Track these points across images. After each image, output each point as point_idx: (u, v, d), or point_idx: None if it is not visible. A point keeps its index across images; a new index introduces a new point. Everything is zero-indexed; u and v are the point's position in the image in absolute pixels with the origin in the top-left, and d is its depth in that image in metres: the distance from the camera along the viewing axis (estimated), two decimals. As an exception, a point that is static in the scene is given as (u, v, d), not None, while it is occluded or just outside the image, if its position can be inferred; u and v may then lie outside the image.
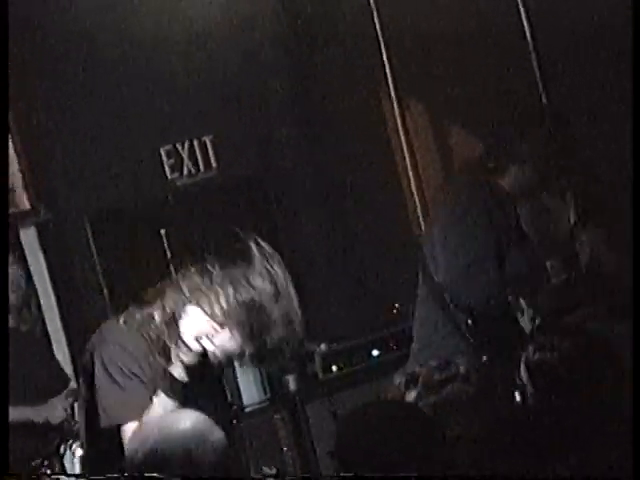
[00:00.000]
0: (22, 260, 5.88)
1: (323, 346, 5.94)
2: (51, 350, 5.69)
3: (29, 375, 5.35)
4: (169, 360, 3.56)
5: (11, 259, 5.53)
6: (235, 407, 5.67)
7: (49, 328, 5.89)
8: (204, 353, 3.51)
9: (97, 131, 6.15)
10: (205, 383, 3.71)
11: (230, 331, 3.46)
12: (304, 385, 5.81)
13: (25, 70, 5.97)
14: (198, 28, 6.25)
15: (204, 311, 3.46)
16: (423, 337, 4.66)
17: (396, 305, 6.09)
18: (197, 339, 3.49)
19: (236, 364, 5.58)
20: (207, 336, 3.48)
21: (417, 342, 4.68)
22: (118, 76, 6.19)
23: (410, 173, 6.40)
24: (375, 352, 6.00)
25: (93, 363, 3.62)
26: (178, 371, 3.53)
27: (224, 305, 3.46)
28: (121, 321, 3.65)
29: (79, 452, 5.00)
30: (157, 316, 3.58)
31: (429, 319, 4.65)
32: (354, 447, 3.08)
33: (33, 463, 5.08)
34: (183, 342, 3.49)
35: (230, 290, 3.49)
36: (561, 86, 5.67)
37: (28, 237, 6.04)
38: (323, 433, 5.53)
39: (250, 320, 3.48)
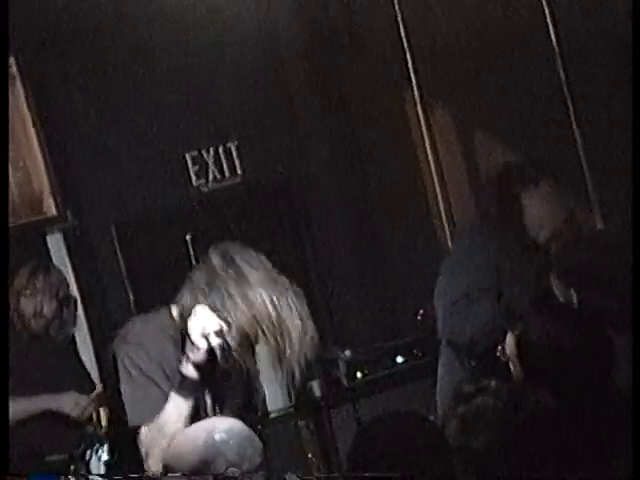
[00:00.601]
0: (55, 268, 5.79)
1: (348, 352, 5.95)
2: (78, 355, 5.72)
3: (56, 380, 5.39)
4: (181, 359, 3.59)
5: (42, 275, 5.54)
6: (259, 413, 5.72)
7: (76, 333, 5.83)
8: (212, 351, 3.51)
9: (123, 138, 6.18)
10: (228, 387, 3.74)
11: (237, 330, 3.47)
12: (328, 391, 5.82)
13: (53, 76, 6.02)
14: (225, 35, 6.26)
15: (211, 307, 3.47)
16: (440, 374, 4.75)
17: (421, 311, 6.06)
18: (205, 336, 3.49)
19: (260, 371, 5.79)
20: (214, 333, 3.48)
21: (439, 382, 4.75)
22: (144, 83, 6.21)
23: (435, 180, 6.39)
24: (399, 359, 6.01)
25: (116, 363, 3.66)
26: (189, 369, 3.54)
27: (231, 303, 3.46)
28: (144, 320, 3.70)
29: (105, 457, 5.05)
30: (175, 313, 3.60)
31: (443, 357, 4.73)
32: (368, 457, 3.09)
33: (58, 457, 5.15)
34: (190, 339, 3.51)
35: (239, 290, 3.49)
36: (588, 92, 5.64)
37: (55, 243, 6.06)
38: (347, 440, 5.45)
39: (258, 323, 3.48)
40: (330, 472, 5.65)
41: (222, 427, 3.32)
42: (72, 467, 5.04)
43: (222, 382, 3.67)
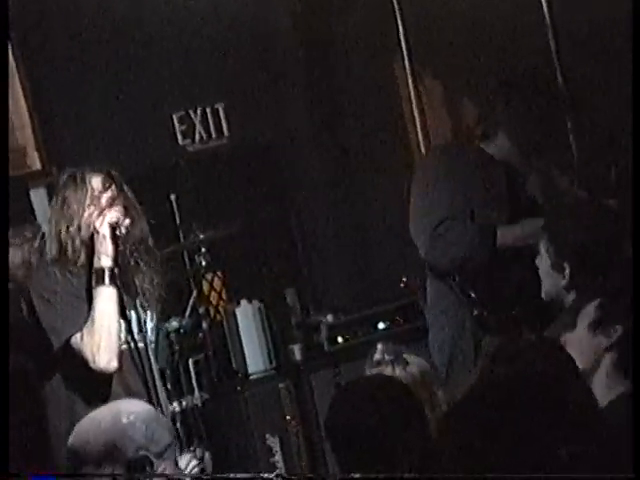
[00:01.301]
0: (32, 220, 5.81)
1: (329, 317, 5.97)
2: None
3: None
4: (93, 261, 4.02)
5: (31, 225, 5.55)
6: (240, 375, 5.71)
7: None
8: (115, 239, 4.01)
9: (110, 95, 6.14)
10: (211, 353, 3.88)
11: (131, 219, 4.09)
12: (310, 355, 5.84)
13: (39, 32, 5.96)
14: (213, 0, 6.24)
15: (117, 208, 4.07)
16: (433, 314, 4.75)
17: (404, 279, 6.03)
18: (111, 227, 4.00)
19: (241, 332, 5.79)
20: (118, 223, 4.01)
21: (430, 322, 4.78)
22: (133, 41, 6.18)
23: (422, 146, 6.36)
24: (381, 325, 6.00)
25: (29, 300, 4.07)
26: (103, 259, 3.99)
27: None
28: (45, 258, 4.13)
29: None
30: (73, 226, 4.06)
31: (433, 293, 4.74)
32: (341, 420, 3.17)
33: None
34: (98, 233, 3.99)
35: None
36: (575, 61, 5.62)
37: (38, 197, 6.05)
38: (326, 403, 5.52)
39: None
40: (309, 436, 5.66)
41: (129, 410, 3.34)
42: None
43: (128, 265, 4.07)
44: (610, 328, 3.17)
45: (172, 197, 5.95)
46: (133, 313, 4.08)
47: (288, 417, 5.65)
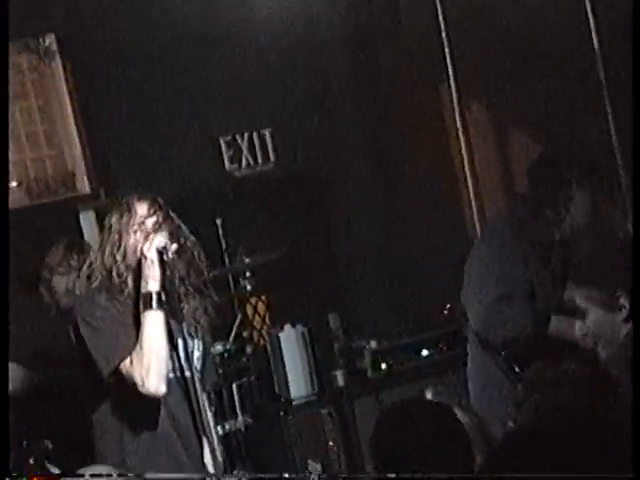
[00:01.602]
0: (80, 249, 5.72)
1: (373, 343, 5.95)
2: None
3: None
4: (140, 286, 3.99)
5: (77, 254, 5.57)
6: (283, 399, 5.71)
7: None
8: (163, 263, 3.98)
9: (159, 119, 6.23)
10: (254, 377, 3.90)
11: (179, 244, 4.06)
12: (352, 381, 5.82)
13: (92, 57, 6.06)
14: (264, 23, 6.28)
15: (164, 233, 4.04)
16: (476, 381, 4.76)
17: (447, 305, 6.07)
18: (159, 252, 3.98)
19: (285, 357, 5.79)
20: (165, 248, 3.98)
21: (472, 387, 4.78)
22: (183, 67, 6.26)
23: (468, 175, 6.37)
24: (425, 352, 5.99)
25: (77, 324, 4.05)
26: (150, 284, 3.97)
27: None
28: (92, 285, 4.10)
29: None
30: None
31: (476, 366, 4.75)
32: (387, 444, 3.12)
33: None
34: (145, 258, 3.97)
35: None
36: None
37: (87, 220, 6.11)
38: (369, 430, 5.54)
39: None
40: (350, 462, 5.64)
41: None
42: None
43: (175, 290, 4.03)
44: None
45: (218, 221, 6.02)
46: (180, 341, 4.05)
47: (330, 443, 5.64)
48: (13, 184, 5.97)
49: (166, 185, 6.22)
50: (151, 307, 3.95)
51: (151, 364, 3.90)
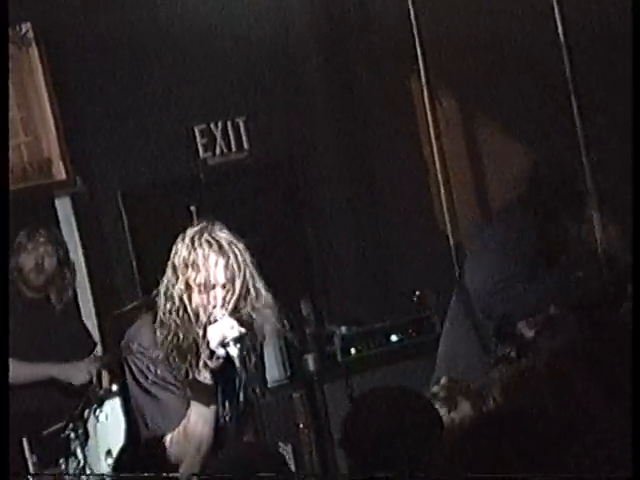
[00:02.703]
0: (57, 229, 5.90)
1: (343, 329, 5.99)
2: (80, 319, 5.76)
3: (57, 338, 5.49)
4: (192, 366, 3.60)
5: (44, 231, 5.62)
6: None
7: (79, 296, 5.92)
8: (229, 358, 3.54)
9: (134, 107, 6.21)
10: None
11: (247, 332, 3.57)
12: (323, 366, 5.82)
13: (68, 44, 6.04)
14: (238, 13, 6.27)
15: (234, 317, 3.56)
16: (449, 346, 4.81)
17: (417, 292, 6.09)
18: (223, 345, 3.53)
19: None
20: (233, 340, 3.52)
21: (442, 351, 4.81)
22: (158, 55, 6.24)
23: (438, 167, 6.32)
24: (394, 337, 6.02)
25: (124, 371, 3.72)
26: (205, 376, 3.58)
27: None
28: (153, 321, 3.68)
29: (102, 418, 5.08)
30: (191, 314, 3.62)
31: (457, 330, 4.80)
32: (361, 432, 3.09)
33: (56, 426, 5.14)
34: (208, 347, 3.54)
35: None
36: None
37: (63, 207, 6.12)
38: (339, 413, 5.45)
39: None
40: (320, 445, 5.64)
41: None
42: (71, 425, 5.08)
43: (234, 383, 3.68)
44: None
45: (192, 208, 5.98)
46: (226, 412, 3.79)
47: (301, 425, 5.64)
48: None
49: (141, 172, 6.24)
50: (203, 402, 3.62)
51: (191, 453, 3.65)
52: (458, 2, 6.03)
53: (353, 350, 5.93)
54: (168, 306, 3.61)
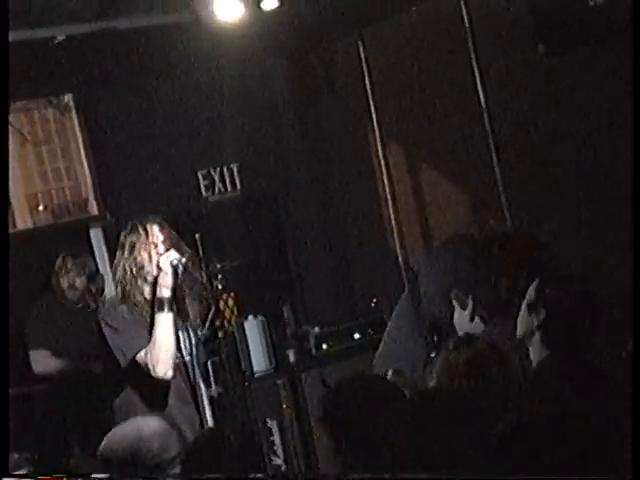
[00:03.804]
0: (86, 255, 6.07)
1: (317, 329, 6.07)
2: None
3: (93, 340, 5.60)
4: (156, 291, 4.01)
5: (82, 251, 5.89)
6: (247, 373, 5.83)
7: None
8: (175, 273, 4.02)
9: (151, 157, 6.38)
10: (224, 356, 4.19)
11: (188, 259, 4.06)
12: (301, 358, 5.89)
13: (100, 112, 6.21)
14: (232, 83, 6.46)
15: (176, 249, 4.07)
16: (393, 339, 4.80)
17: (374, 300, 6.23)
18: (172, 265, 4.02)
19: (248, 340, 5.89)
20: (179, 262, 4.03)
21: (387, 342, 4.82)
22: (169, 116, 6.45)
23: (389, 200, 6.54)
24: (356, 335, 6.10)
25: (100, 328, 4.11)
26: (163, 291, 4.01)
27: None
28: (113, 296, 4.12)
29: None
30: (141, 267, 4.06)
31: (403, 326, 4.73)
32: (340, 412, 3.08)
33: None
34: (161, 269, 4.02)
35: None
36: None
37: (96, 235, 6.29)
38: (314, 395, 5.63)
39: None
40: (300, 421, 5.75)
41: (148, 425, 3.30)
42: None
43: (182, 295, 4.09)
44: (539, 310, 3.25)
45: (197, 236, 5.98)
46: (182, 333, 4.09)
47: (284, 405, 5.72)
48: (41, 208, 6.10)
49: (156, 208, 6.12)
50: (163, 310, 3.97)
51: (161, 356, 3.95)
52: (405, 74, 6.25)
53: (325, 346, 6.01)
54: (120, 272, 4.07)
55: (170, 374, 4.01)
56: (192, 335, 4.18)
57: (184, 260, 4.03)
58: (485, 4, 5.67)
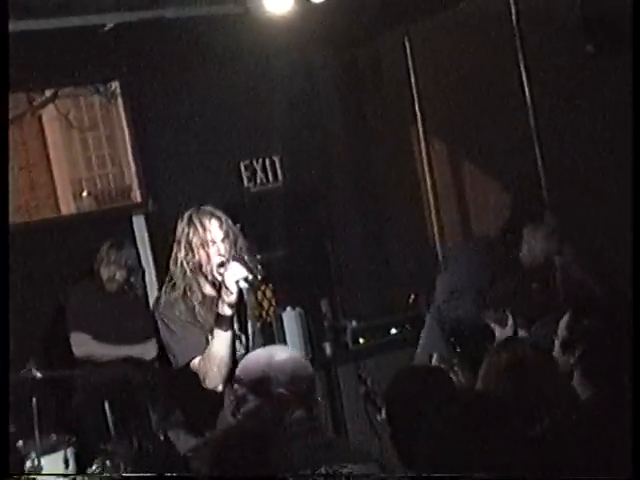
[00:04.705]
0: (133, 241, 6.13)
1: (354, 323, 6.15)
2: (148, 307, 5.83)
3: (131, 324, 5.77)
4: (216, 305, 3.85)
5: (125, 242, 5.92)
6: None
7: (149, 292, 6.14)
8: (241, 293, 3.88)
9: (196, 147, 6.40)
10: (264, 342, 4.06)
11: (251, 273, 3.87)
12: (337, 351, 5.97)
13: (144, 101, 6.24)
14: (278, 74, 6.49)
15: (241, 263, 3.88)
16: (425, 336, 5.00)
17: (412, 295, 6.29)
18: (236, 282, 3.82)
19: (286, 331, 5.97)
20: (243, 279, 3.83)
21: (422, 339, 5.00)
22: (216, 107, 6.45)
23: (431, 198, 6.54)
24: (393, 330, 6.16)
25: (156, 322, 4.00)
26: (224, 309, 3.84)
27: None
28: (171, 288, 3.95)
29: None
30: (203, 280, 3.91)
31: (431, 325, 4.98)
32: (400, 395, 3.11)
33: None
34: (225, 286, 3.83)
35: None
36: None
37: (138, 223, 6.31)
38: (349, 389, 5.73)
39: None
40: (334, 413, 5.81)
41: (281, 354, 3.36)
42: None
43: (246, 315, 3.97)
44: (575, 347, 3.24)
45: (238, 226, 6.17)
46: (242, 341, 4.01)
47: (319, 398, 5.46)
48: (84, 194, 6.11)
49: (199, 197, 6.08)
50: (223, 328, 3.83)
51: (214, 369, 3.84)
52: (451, 71, 6.23)
53: (361, 340, 6.05)
54: (178, 269, 3.89)
55: (220, 388, 3.93)
56: (250, 331, 4.08)
57: (250, 278, 3.83)
58: (534, 3, 5.63)
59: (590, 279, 4.68)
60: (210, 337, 3.92)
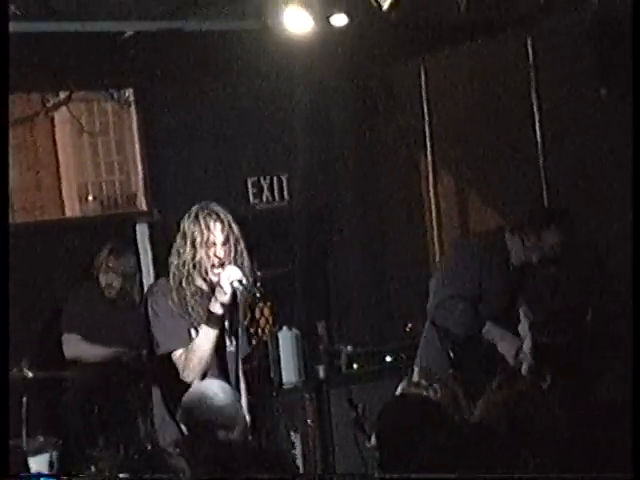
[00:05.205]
0: (135, 249, 6.14)
1: (349, 347, 6.12)
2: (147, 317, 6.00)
3: (126, 333, 5.76)
4: (209, 301, 3.93)
5: (126, 249, 5.93)
6: (275, 383, 5.89)
7: None
8: (234, 293, 3.93)
9: (203, 160, 6.44)
10: (256, 364, 4.14)
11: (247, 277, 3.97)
12: (330, 375, 5.85)
13: (155, 110, 6.27)
14: (287, 94, 6.51)
15: (237, 266, 3.96)
16: (422, 349, 5.04)
17: (409, 324, 6.26)
18: (230, 283, 3.90)
19: (280, 351, 5.96)
20: (237, 280, 3.90)
21: (420, 353, 5.04)
22: (225, 122, 6.51)
23: (434, 225, 6.58)
24: (388, 358, 6.12)
25: (146, 308, 4.05)
26: (216, 307, 3.92)
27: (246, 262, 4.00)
28: (168, 279, 4.03)
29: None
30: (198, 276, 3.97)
31: (428, 337, 5.02)
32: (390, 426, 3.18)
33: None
34: (220, 285, 3.91)
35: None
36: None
37: (141, 231, 6.33)
38: (340, 414, 5.64)
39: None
40: (323, 436, 5.76)
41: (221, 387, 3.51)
42: None
43: (237, 316, 4.00)
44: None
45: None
46: (232, 340, 4.05)
47: (309, 421, 5.78)
48: (90, 198, 6.17)
49: None
50: (211, 325, 3.90)
51: (193, 364, 3.92)
52: (464, 104, 6.26)
53: (355, 365, 6.04)
54: (178, 262, 3.96)
55: (195, 382, 3.98)
56: (240, 344, 4.12)
57: (245, 282, 3.90)
58: (551, 45, 5.69)
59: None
60: (195, 332, 3.99)
